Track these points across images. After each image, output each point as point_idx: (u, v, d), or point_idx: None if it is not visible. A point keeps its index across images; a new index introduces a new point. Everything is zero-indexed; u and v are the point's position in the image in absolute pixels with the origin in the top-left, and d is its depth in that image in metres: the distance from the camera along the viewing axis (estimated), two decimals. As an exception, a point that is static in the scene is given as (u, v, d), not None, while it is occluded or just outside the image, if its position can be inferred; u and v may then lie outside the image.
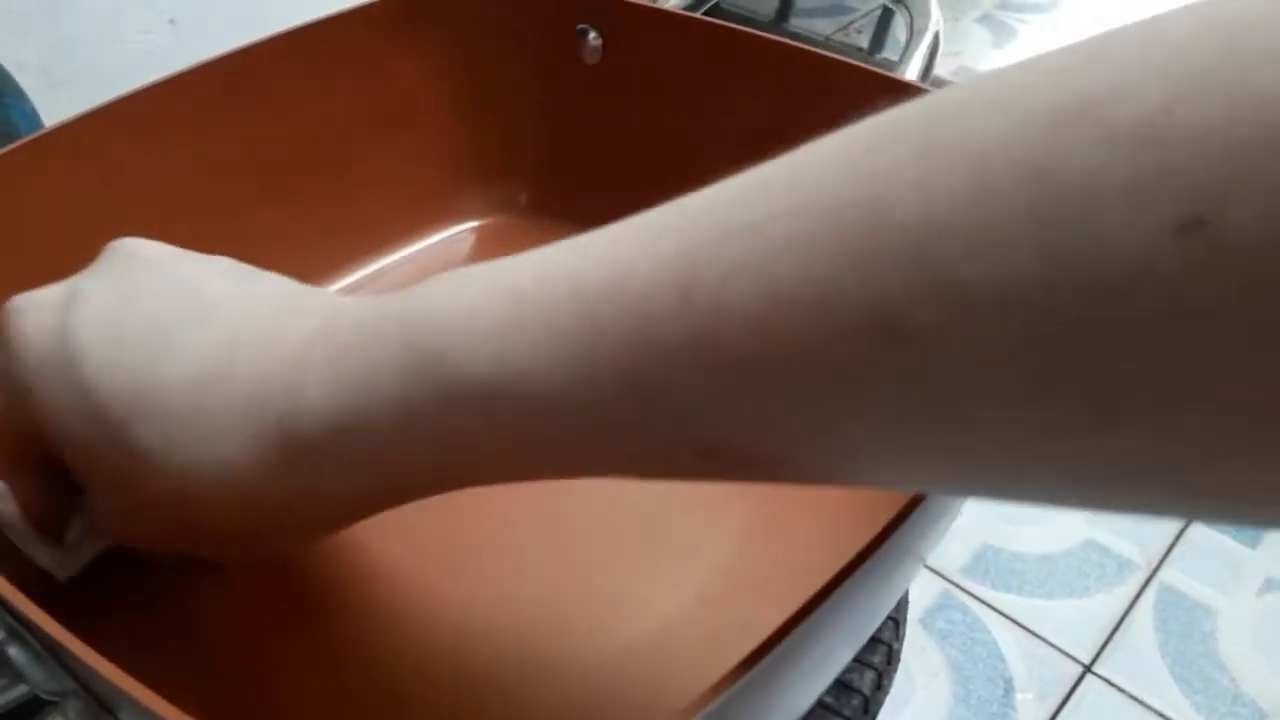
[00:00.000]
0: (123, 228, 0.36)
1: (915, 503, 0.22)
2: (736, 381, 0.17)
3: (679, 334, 0.17)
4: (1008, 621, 0.69)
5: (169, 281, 0.24)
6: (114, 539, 0.27)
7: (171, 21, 0.94)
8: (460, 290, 0.20)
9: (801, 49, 0.37)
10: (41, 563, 0.27)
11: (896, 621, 0.31)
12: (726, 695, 0.18)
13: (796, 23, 1.42)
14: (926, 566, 0.72)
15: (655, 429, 0.18)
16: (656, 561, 0.30)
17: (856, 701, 0.28)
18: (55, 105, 0.70)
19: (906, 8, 0.38)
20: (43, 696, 0.19)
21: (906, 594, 0.33)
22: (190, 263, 0.25)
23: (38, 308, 0.24)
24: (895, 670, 0.30)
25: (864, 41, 1.40)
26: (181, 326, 0.23)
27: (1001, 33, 1.47)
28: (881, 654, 0.30)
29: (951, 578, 0.72)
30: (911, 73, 0.37)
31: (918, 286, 0.14)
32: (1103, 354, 0.13)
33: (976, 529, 0.75)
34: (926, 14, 0.37)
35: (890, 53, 1.32)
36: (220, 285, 0.24)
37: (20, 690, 0.20)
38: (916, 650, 0.66)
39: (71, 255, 0.35)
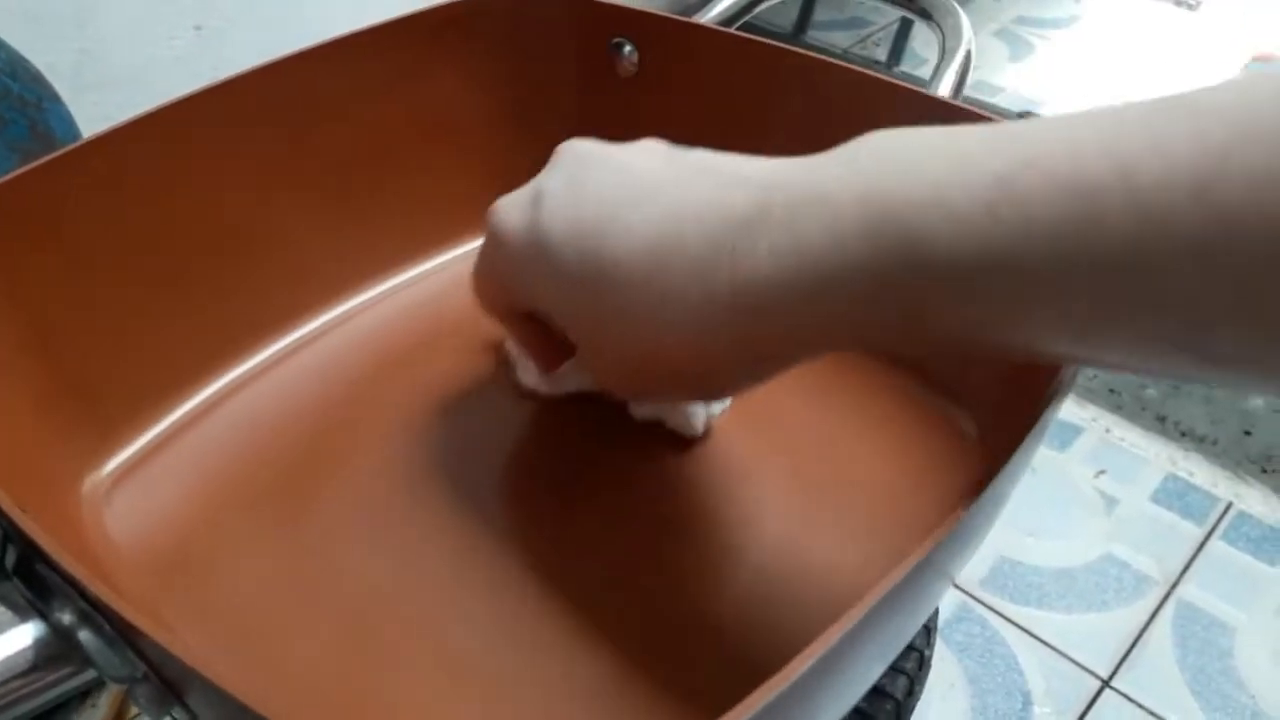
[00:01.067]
0: (166, 232, 0.37)
1: (951, 523, 0.22)
2: (1237, 276, 0.17)
3: (1189, 230, 0.18)
4: (1026, 635, 0.70)
5: (610, 172, 0.27)
6: (598, 382, 0.32)
7: (198, 28, 0.95)
8: (922, 165, 0.21)
9: (835, 64, 0.37)
10: (531, 382, 0.36)
11: (929, 628, 0.31)
12: (762, 706, 0.18)
13: (814, 35, 1.43)
14: (945, 579, 0.72)
15: (1133, 315, 0.19)
16: (695, 564, 0.31)
17: (890, 707, 0.29)
18: (84, 109, 0.71)
19: (939, 26, 0.39)
20: (111, 682, 0.20)
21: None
22: (626, 152, 0.28)
23: (514, 206, 0.29)
24: (926, 676, 0.31)
25: (882, 54, 1.40)
26: (626, 208, 0.26)
27: (1019, 47, 1.47)
28: (914, 660, 0.30)
29: (970, 590, 0.72)
30: (944, 90, 0.38)
31: None
32: None
33: (994, 542, 0.75)
34: (959, 33, 0.38)
35: (907, 65, 1.32)
36: (655, 165, 0.27)
37: (86, 676, 0.20)
38: (935, 661, 0.66)
39: (119, 258, 0.36)
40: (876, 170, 0.21)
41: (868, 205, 0.21)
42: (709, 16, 0.45)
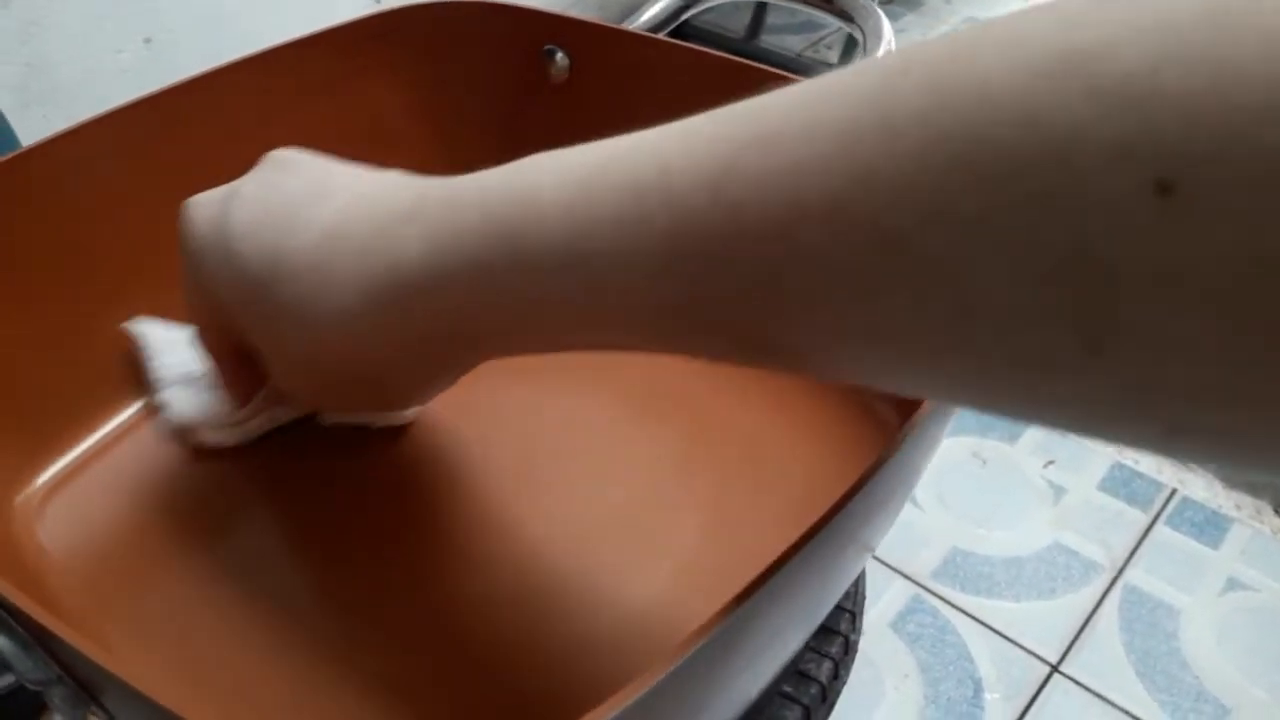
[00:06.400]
0: (104, 243, 0.37)
1: (853, 492, 0.23)
2: (759, 277, 0.18)
3: (711, 229, 0.19)
4: (977, 623, 0.71)
5: (304, 174, 0.29)
6: (288, 396, 0.32)
7: (147, 40, 0.95)
8: (535, 174, 0.22)
9: (763, 69, 0.38)
10: (217, 438, 0.34)
11: (853, 614, 0.32)
12: (670, 672, 0.19)
13: (768, 39, 1.45)
14: (897, 570, 0.73)
15: (693, 312, 0.20)
16: (619, 558, 0.32)
17: (815, 690, 0.30)
18: (30, 123, 0.71)
19: (860, 28, 0.40)
20: (28, 685, 0.20)
21: (862, 587, 0.35)
22: (325, 160, 0.30)
23: (206, 204, 0.29)
24: (852, 660, 0.32)
25: (834, 58, 1.42)
26: (309, 205, 0.27)
27: (969, 49, 1.49)
28: (838, 645, 0.31)
29: (922, 581, 0.73)
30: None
31: (919, 212, 0.16)
32: (1085, 296, 0.14)
33: (946, 533, 0.77)
34: (879, 35, 0.39)
35: (861, 69, 1.34)
36: (346, 173, 0.28)
37: (6, 680, 0.21)
38: (888, 653, 0.68)
39: (57, 269, 0.36)
40: (504, 178, 0.23)
41: (484, 204, 0.23)
42: (641, 22, 0.46)
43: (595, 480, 0.34)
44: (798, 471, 0.34)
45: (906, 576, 0.73)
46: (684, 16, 0.45)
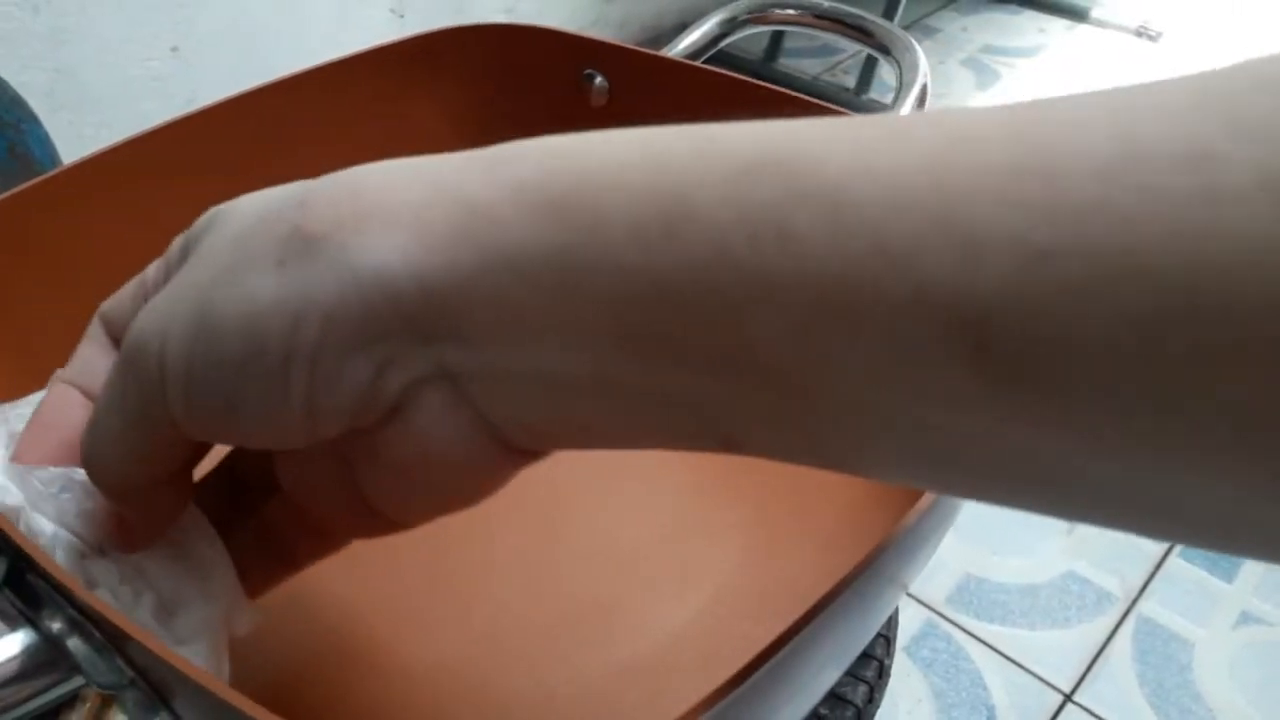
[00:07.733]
0: (148, 260, 0.38)
1: (897, 531, 0.23)
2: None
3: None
4: (990, 651, 0.71)
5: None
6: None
7: (174, 49, 0.96)
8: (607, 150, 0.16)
9: (799, 97, 0.39)
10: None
11: (887, 639, 0.33)
12: (720, 707, 0.19)
13: (785, 62, 1.46)
14: (912, 596, 0.74)
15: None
16: (662, 581, 0.32)
17: (850, 714, 0.30)
18: (59, 128, 0.71)
19: (896, 60, 0.40)
20: (98, 689, 0.21)
21: (896, 612, 0.35)
22: None
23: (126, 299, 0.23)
24: (886, 684, 0.32)
25: (851, 82, 1.43)
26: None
27: (985, 75, 1.51)
28: (873, 669, 0.31)
29: (936, 607, 0.73)
30: (902, 120, 0.39)
31: None
32: None
33: (960, 560, 0.77)
34: (915, 66, 0.39)
35: (876, 93, 1.35)
36: None
37: (74, 683, 0.21)
38: (901, 677, 0.68)
39: (99, 286, 0.36)
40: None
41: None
42: (679, 49, 0.47)
43: (635, 503, 0.35)
44: (838, 495, 0.34)
45: (921, 602, 0.73)
46: (722, 44, 0.46)
